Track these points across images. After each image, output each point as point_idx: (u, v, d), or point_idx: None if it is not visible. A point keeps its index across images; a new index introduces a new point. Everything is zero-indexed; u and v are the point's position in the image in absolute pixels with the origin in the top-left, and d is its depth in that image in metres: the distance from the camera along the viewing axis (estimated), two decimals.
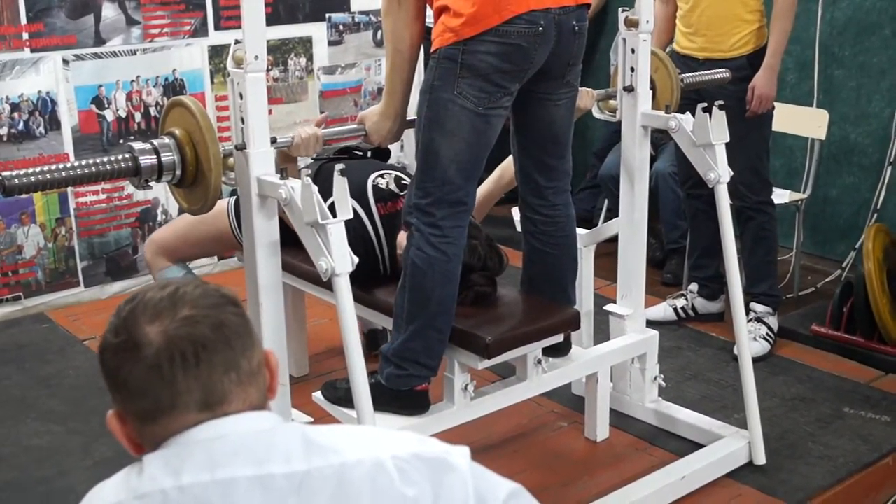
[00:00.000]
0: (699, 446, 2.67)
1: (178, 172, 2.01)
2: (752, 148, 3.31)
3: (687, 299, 3.64)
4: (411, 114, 2.39)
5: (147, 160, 1.99)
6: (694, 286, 3.64)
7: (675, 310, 3.62)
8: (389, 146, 2.72)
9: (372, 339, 3.08)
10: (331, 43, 4.31)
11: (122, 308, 1.10)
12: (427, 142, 2.22)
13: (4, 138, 3.54)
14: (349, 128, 2.48)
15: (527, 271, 2.56)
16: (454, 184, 2.21)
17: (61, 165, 1.97)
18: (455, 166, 2.20)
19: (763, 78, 3.25)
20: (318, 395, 2.43)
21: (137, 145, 2.00)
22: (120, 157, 1.99)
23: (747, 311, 3.29)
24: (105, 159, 1.99)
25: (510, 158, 2.57)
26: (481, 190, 2.85)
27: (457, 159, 2.20)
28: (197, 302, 1.09)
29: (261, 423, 1.10)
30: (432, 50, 2.20)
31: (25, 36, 3.53)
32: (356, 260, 1.99)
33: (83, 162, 1.98)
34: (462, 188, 2.22)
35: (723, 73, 3.06)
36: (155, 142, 2.01)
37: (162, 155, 1.99)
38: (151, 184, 2.04)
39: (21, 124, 3.56)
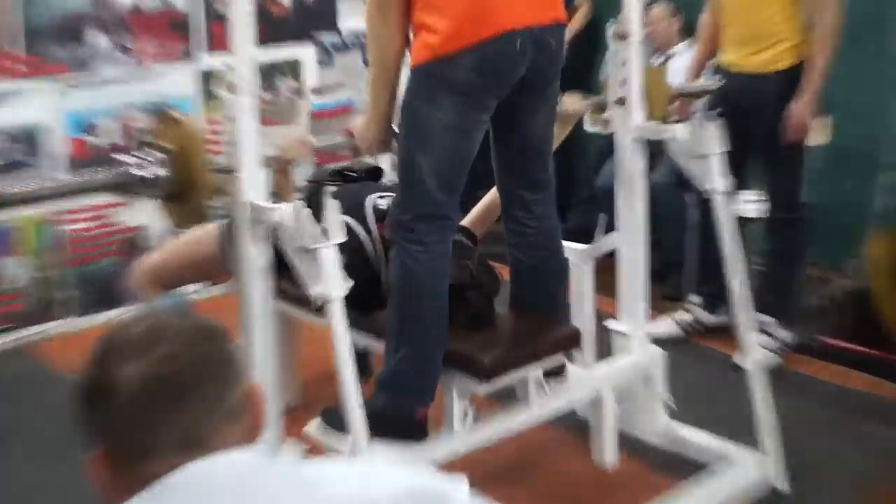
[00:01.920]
0: (714, 471, 2.57)
1: (166, 186, 2.08)
2: (786, 165, 3.35)
3: (693, 313, 3.64)
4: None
5: (135, 173, 2.06)
6: (699, 299, 3.64)
7: (681, 324, 3.62)
8: (382, 167, 2.79)
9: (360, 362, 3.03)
10: (320, 64, 4.44)
11: (98, 346, 1.07)
12: (407, 157, 2.26)
13: None
14: (338, 140, 2.54)
15: (517, 289, 2.55)
16: (435, 199, 2.24)
17: (50, 179, 2.13)
18: (435, 181, 2.23)
19: (801, 105, 3.22)
20: (310, 429, 2.39)
21: (125, 158, 2.08)
22: (108, 168, 2.11)
23: (756, 323, 3.25)
24: (94, 170, 2.13)
25: None
26: (482, 204, 2.91)
27: (437, 174, 2.23)
28: (175, 338, 1.06)
29: (246, 462, 1.06)
30: (411, 66, 2.25)
31: (15, 64, 3.61)
32: (350, 284, 2.00)
33: (72, 175, 2.13)
34: (443, 202, 2.26)
35: (718, 83, 3.12)
36: (143, 155, 2.08)
37: (150, 168, 2.07)
38: (138, 210, 2.10)
39: (12, 153, 3.62)
